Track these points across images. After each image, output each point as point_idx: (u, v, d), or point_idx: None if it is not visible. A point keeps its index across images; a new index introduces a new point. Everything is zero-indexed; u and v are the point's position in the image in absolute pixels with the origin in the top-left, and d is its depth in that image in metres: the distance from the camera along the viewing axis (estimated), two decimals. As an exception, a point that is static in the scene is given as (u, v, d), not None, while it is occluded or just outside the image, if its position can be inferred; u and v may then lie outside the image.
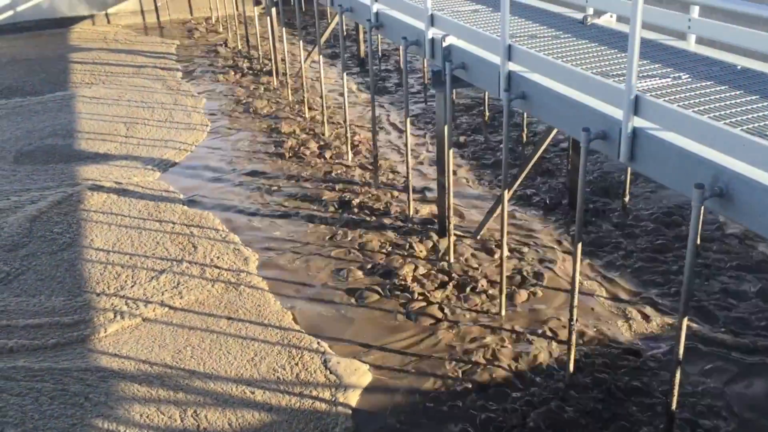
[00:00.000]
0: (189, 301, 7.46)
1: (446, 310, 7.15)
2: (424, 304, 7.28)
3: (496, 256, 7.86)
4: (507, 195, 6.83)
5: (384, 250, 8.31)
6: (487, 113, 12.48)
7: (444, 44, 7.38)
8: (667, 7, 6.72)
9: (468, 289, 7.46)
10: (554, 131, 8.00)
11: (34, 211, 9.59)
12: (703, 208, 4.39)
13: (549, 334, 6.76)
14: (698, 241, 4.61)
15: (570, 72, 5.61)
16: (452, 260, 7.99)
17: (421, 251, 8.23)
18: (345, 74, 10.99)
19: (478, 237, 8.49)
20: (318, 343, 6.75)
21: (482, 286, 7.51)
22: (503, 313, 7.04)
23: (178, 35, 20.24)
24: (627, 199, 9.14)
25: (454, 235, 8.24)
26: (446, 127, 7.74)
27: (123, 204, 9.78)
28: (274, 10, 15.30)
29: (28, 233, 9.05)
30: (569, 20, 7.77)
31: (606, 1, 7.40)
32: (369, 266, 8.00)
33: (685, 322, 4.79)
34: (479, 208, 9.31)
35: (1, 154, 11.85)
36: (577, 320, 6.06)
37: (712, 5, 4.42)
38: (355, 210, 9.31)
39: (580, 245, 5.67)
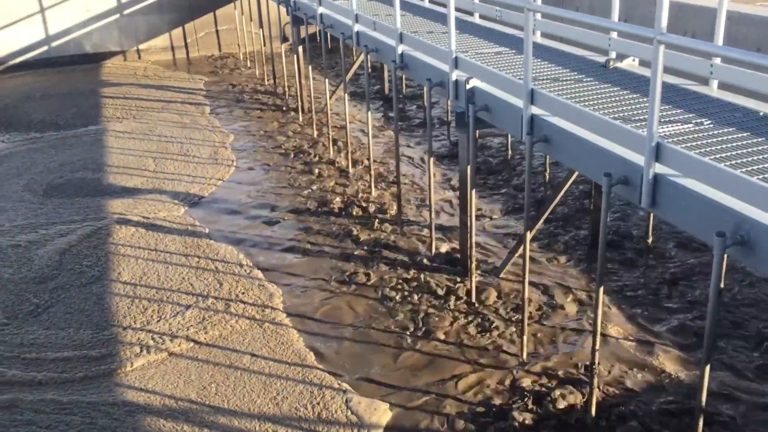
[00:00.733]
0: (214, 336, 7.57)
1: (466, 351, 7.16)
2: (444, 344, 7.31)
3: (518, 296, 7.88)
4: (529, 235, 6.90)
5: (405, 289, 8.36)
6: (510, 152, 12.59)
7: (467, 86, 7.52)
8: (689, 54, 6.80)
9: (489, 329, 7.48)
10: (575, 173, 8.06)
11: (64, 244, 9.81)
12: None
13: (570, 376, 6.74)
14: (722, 285, 4.62)
15: (592, 117, 5.69)
16: (474, 299, 8.02)
17: (442, 290, 8.28)
18: (369, 113, 11.17)
19: (500, 276, 8.53)
20: (339, 382, 6.80)
21: (503, 326, 7.53)
22: (524, 354, 7.05)
23: (207, 71, 20.67)
24: (650, 240, 9.14)
25: (476, 274, 8.28)
26: (469, 168, 7.84)
27: (150, 238, 9.96)
28: (300, 48, 15.62)
29: (58, 266, 9.25)
30: (592, 63, 7.88)
31: (628, 45, 7.52)
32: (390, 304, 8.06)
33: (707, 369, 4.78)
34: (503, 245, 9.37)
35: (32, 187, 12.15)
36: (599, 363, 6.05)
37: (732, 57, 4.49)
38: (379, 247, 9.40)
39: (602, 289, 5.70)
